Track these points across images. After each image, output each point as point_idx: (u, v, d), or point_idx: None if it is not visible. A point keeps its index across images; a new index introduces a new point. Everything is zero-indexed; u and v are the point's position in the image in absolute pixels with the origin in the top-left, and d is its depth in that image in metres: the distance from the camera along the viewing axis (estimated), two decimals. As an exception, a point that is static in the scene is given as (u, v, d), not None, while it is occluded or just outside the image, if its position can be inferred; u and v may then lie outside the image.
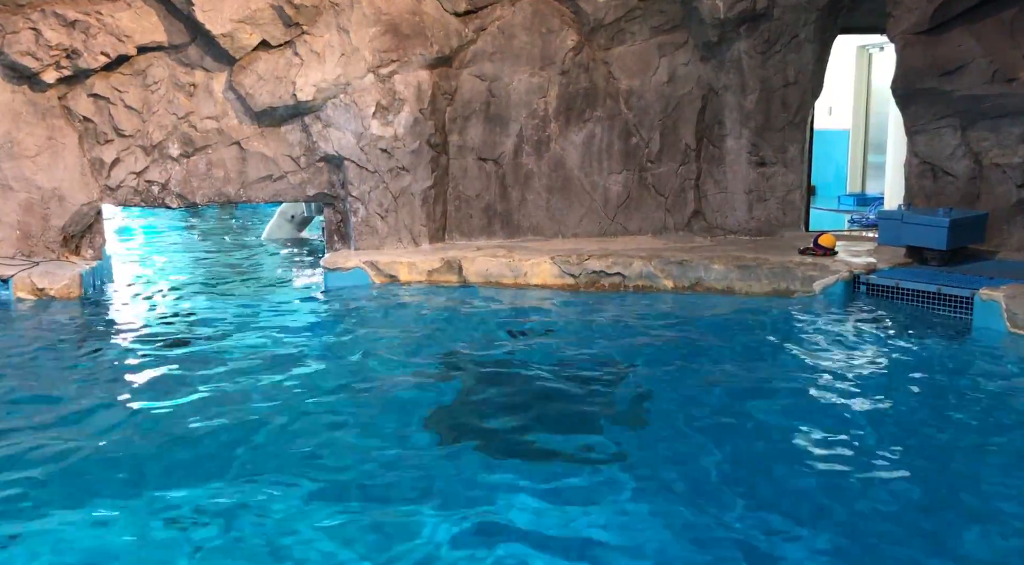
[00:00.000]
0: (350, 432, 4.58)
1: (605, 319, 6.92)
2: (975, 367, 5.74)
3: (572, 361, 5.81)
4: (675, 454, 4.31)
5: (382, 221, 8.48)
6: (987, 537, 3.52)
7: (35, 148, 7.82)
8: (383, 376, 5.53)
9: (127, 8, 7.71)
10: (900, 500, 3.81)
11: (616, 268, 7.91)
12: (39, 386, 5.36)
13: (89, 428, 4.60)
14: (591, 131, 9.00)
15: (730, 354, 5.99)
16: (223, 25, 7.76)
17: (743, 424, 4.71)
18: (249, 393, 5.15)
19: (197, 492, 3.83)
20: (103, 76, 7.84)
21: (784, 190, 9.12)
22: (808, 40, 8.76)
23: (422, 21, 8.28)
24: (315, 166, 8.41)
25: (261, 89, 8.02)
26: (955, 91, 7.80)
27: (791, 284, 7.44)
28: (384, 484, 3.95)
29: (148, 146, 8.04)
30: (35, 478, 3.97)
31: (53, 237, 7.97)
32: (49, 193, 7.90)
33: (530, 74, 8.74)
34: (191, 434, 4.49)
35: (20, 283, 7.35)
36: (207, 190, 8.27)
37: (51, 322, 6.78)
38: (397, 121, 8.30)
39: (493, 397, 5.15)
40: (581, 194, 9.09)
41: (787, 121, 8.97)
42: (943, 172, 8.24)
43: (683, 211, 9.30)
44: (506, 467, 4.11)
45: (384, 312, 7.23)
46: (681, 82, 8.99)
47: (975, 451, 4.36)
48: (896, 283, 7.17)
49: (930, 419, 4.80)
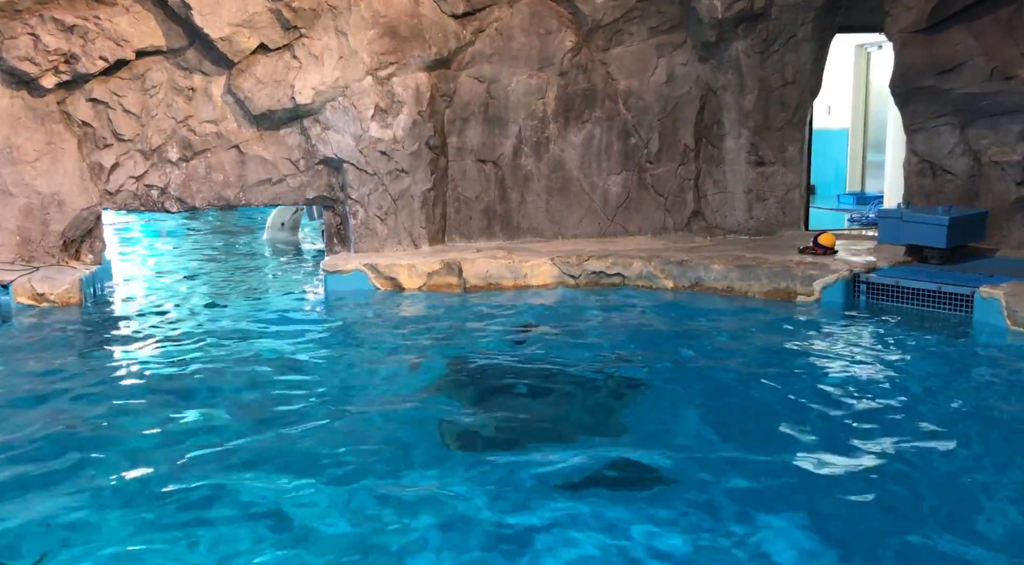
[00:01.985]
0: (351, 435, 4.57)
1: (605, 319, 6.92)
2: (975, 365, 5.74)
3: (572, 362, 5.80)
4: (678, 453, 4.31)
5: (381, 223, 8.49)
6: (991, 525, 3.52)
7: (34, 153, 7.82)
8: (383, 377, 5.54)
9: (125, 13, 7.71)
10: (902, 501, 3.81)
11: (616, 269, 7.91)
12: (36, 390, 5.35)
13: (86, 432, 4.60)
14: (590, 132, 9.00)
15: (732, 355, 5.99)
16: (221, 29, 7.76)
17: (746, 424, 4.70)
18: (249, 396, 5.14)
19: (196, 495, 3.83)
20: (102, 81, 7.84)
21: (783, 189, 9.12)
22: (806, 39, 8.76)
23: (420, 23, 8.28)
24: (314, 169, 8.41)
25: (260, 92, 8.02)
26: (954, 89, 7.81)
27: (791, 284, 7.44)
28: (385, 485, 3.94)
29: (147, 150, 8.04)
30: (35, 479, 3.98)
31: (53, 242, 7.97)
32: (48, 198, 7.90)
33: (529, 75, 8.75)
34: (188, 438, 4.49)
35: (20, 288, 7.34)
36: (206, 194, 8.27)
37: (50, 327, 6.77)
38: (396, 123, 8.30)
39: (493, 399, 5.15)
40: (580, 195, 9.09)
41: (786, 120, 8.97)
42: (942, 170, 8.24)
43: (682, 211, 9.30)
44: (507, 467, 4.10)
45: (384, 314, 7.23)
46: (680, 82, 9.00)
47: (974, 449, 4.36)
48: (896, 282, 7.16)
49: (930, 417, 4.79)
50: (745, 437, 4.54)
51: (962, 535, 3.49)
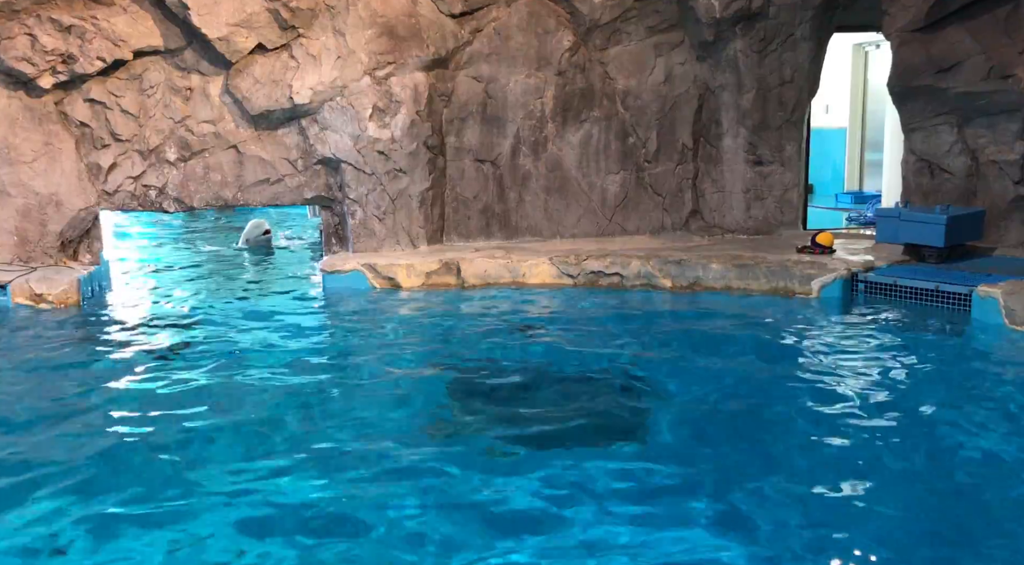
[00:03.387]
0: (352, 435, 4.57)
1: (603, 318, 6.91)
2: (973, 363, 5.74)
3: (570, 361, 5.81)
4: (680, 453, 4.31)
5: (380, 223, 8.48)
6: (993, 527, 3.52)
7: (32, 154, 7.82)
8: (383, 378, 5.53)
9: (123, 13, 7.70)
10: (905, 502, 3.82)
11: (614, 268, 7.91)
12: (34, 391, 5.35)
13: (86, 433, 4.60)
14: (588, 131, 9.00)
15: (731, 354, 6.00)
16: (219, 29, 7.75)
17: (749, 424, 4.71)
18: (248, 397, 5.14)
19: (195, 497, 3.83)
20: (99, 81, 7.83)
21: (781, 189, 9.12)
22: (804, 38, 8.76)
23: (418, 23, 8.28)
24: (312, 169, 8.41)
25: (258, 92, 8.02)
26: (951, 88, 7.81)
27: (789, 283, 7.45)
28: (388, 486, 3.94)
29: (145, 151, 8.03)
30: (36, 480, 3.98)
31: (51, 242, 7.97)
32: (46, 198, 7.90)
33: (526, 75, 8.74)
34: (186, 440, 4.49)
35: (18, 289, 7.34)
36: (204, 194, 8.27)
37: (48, 328, 6.76)
38: (394, 123, 8.30)
39: (491, 397, 5.15)
40: (579, 194, 9.09)
41: (784, 120, 8.98)
42: (940, 169, 8.25)
43: (681, 211, 9.31)
44: (509, 468, 4.11)
45: (383, 314, 7.23)
46: (677, 82, 9.00)
47: (973, 447, 4.36)
48: (894, 281, 7.17)
49: (930, 416, 4.80)
50: (742, 438, 4.54)
51: (957, 531, 3.50)
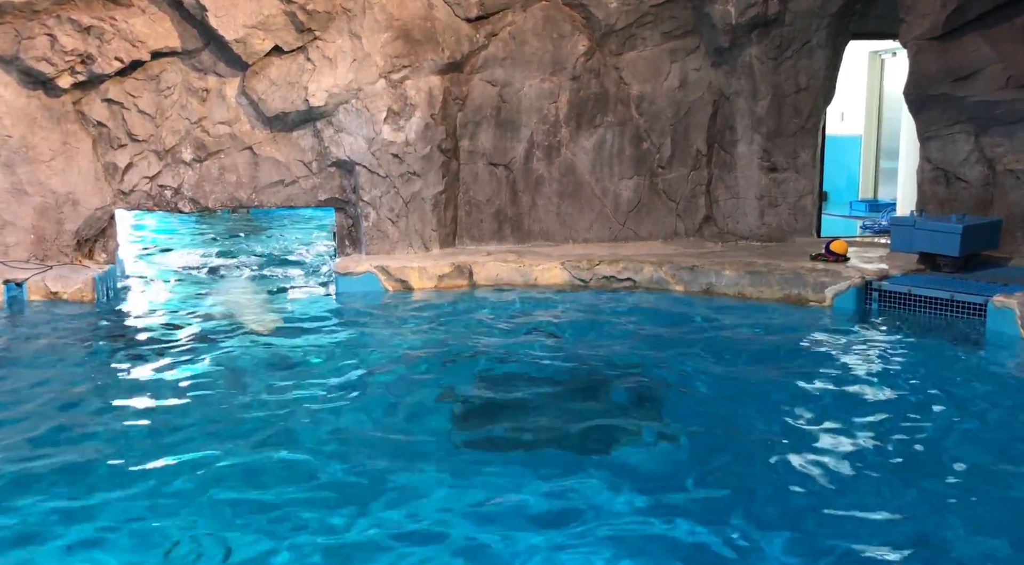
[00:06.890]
0: (363, 437, 4.58)
1: (615, 324, 6.90)
2: (989, 374, 5.71)
3: (581, 364, 5.80)
4: (688, 456, 4.30)
5: (393, 226, 8.51)
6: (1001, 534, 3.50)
7: (50, 153, 7.88)
8: (393, 379, 5.54)
9: (141, 14, 7.76)
10: (912, 509, 3.79)
11: (627, 273, 7.90)
12: (50, 389, 5.38)
13: (99, 430, 4.63)
14: (602, 136, 9.00)
15: (743, 361, 5.97)
16: (236, 31, 7.80)
17: (759, 431, 4.69)
18: (261, 396, 5.16)
19: (198, 497, 3.85)
20: (117, 81, 7.89)
21: (796, 196, 9.09)
22: (820, 45, 8.74)
23: (434, 27, 8.30)
24: (327, 171, 8.44)
25: (273, 94, 8.06)
26: (968, 97, 7.76)
27: (803, 290, 7.42)
28: (395, 488, 3.95)
29: (161, 151, 8.09)
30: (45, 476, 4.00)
31: (67, 241, 8.03)
32: (63, 197, 7.96)
33: (541, 79, 8.75)
34: (198, 437, 4.51)
35: (34, 287, 7.40)
36: (219, 194, 8.31)
37: (63, 326, 6.81)
38: (408, 126, 8.32)
39: (499, 402, 5.15)
40: (592, 199, 9.09)
41: (799, 126, 8.95)
42: (956, 178, 8.20)
43: (694, 217, 9.29)
44: (515, 470, 4.10)
45: (395, 317, 7.24)
46: (692, 87, 8.99)
47: (988, 456, 4.33)
48: (909, 290, 7.13)
49: (943, 426, 4.77)
50: (752, 445, 4.53)
51: (973, 530, 3.48)
